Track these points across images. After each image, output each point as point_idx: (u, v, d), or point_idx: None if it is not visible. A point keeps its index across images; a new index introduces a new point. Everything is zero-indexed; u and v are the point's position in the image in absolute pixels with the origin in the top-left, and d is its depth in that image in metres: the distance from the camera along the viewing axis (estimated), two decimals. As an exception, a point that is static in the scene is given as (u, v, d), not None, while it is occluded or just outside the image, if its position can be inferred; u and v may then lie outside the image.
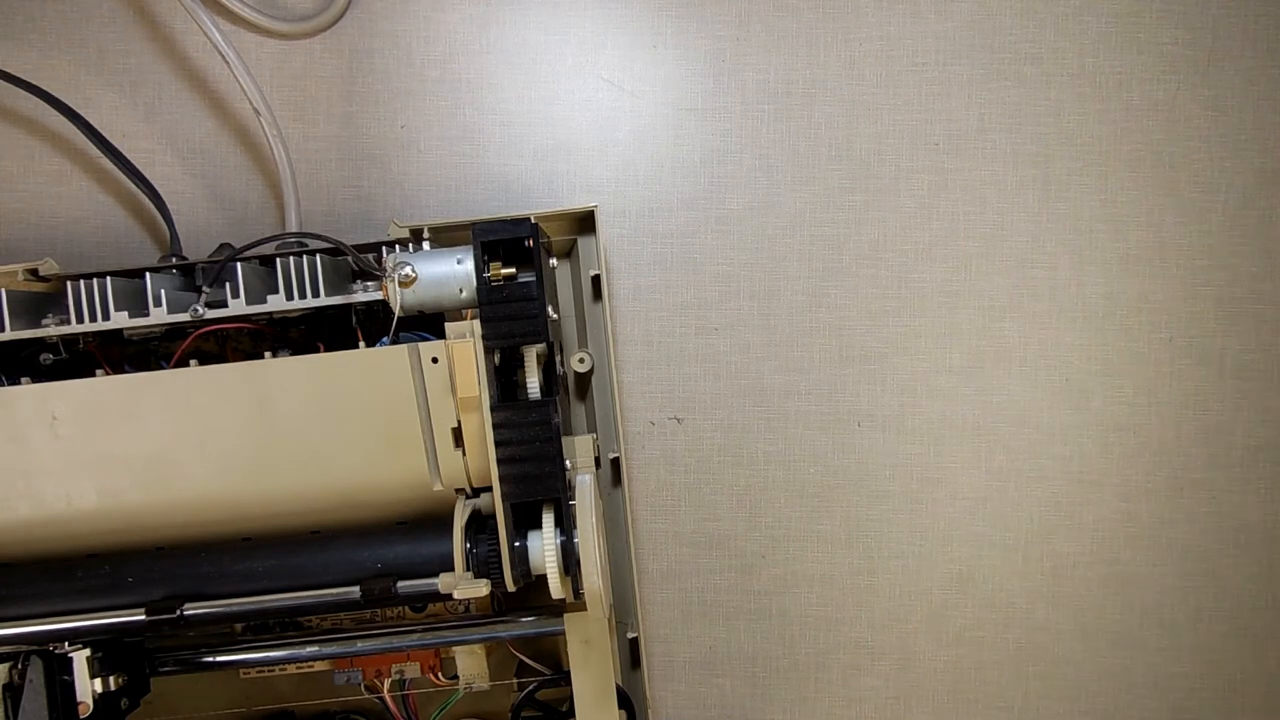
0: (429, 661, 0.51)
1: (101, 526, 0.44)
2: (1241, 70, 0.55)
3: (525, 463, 0.42)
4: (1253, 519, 0.56)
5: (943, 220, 0.56)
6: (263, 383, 0.43)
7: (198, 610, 0.43)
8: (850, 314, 0.56)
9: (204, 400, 0.43)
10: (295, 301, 0.45)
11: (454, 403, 0.43)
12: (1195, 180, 0.56)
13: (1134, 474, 0.56)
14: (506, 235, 0.43)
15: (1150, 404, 0.56)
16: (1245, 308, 0.56)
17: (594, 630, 0.48)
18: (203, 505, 0.44)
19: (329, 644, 0.49)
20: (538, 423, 0.42)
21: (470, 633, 0.49)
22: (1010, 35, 0.55)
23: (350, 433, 0.44)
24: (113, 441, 0.43)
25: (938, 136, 0.55)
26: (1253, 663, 0.56)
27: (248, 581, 0.44)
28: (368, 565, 0.44)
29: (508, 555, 0.42)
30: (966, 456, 0.56)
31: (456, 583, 0.42)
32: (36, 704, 0.43)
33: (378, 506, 0.45)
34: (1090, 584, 0.56)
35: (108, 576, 0.44)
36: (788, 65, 0.55)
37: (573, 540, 0.43)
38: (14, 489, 0.44)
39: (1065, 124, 0.55)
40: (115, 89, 0.54)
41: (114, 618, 0.43)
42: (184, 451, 0.44)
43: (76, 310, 0.44)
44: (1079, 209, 0.56)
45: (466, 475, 0.44)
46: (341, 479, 0.44)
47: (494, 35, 0.55)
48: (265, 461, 0.44)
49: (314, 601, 0.43)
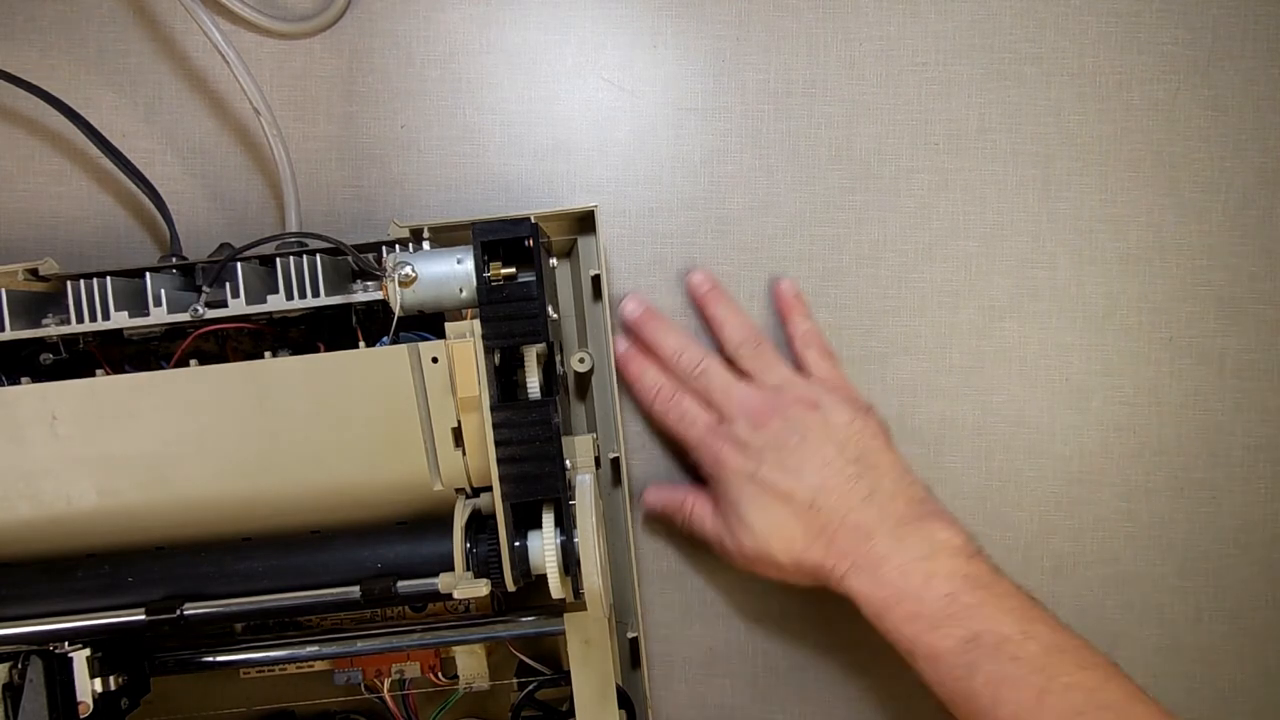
0: (429, 661, 0.51)
1: (101, 526, 0.44)
2: (1241, 70, 0.55)
3: (525, 462, 0.42)
4: (1253, 519, 0.56)
5: (943, 220, 0.56)
6: (263, 382, 0.43)
7: (198, 610, 0.43)
8: (850, 314, 0.56)
9: (205, 400, 0.43)
10: (295, 301, 0.45)
11: (454, 402, 0.43)
12: (1195, 180, 0.56)
13: (1134, 474, 0.56)
14: (506, 235, 0.43)
15: (1150, 404, 0.56)
16: (1245, 308, 0.56)
17: (594, 630, 0.48)
18: (203, 505, 0.44)
19: (329, 644, 0.49)
20: (538, 422, 0.42)
21: (470, 632, 0.50)
22: (1010, 35, 0.55)
23: (350, 433, 0.44)
24: (113, 441, 0.43)
25: (938, 136, 0.55)
26: (1253, 663, 0.56)
27: (248, 581, 0.44)
28: (368, 565, 0.44)
29: (508, 555, 0.42)
30: (966, 456, 0.56)
31: (456, 582, 0.42)
32: (37, 704, 0.43)
33: (377, 506, 0.45)
34: (1090, 584, 0.56)
35: (108, 576, 0.44)
36: (788, 65, 0.55)
37: (573, 540, 0.43)
38: (14, 489, 0.44)
39: (1065, 124, 0.55)
40: (115, 88, 0.54)
41: (114, 618, 0.43)
42: (184, 451, 0.44)
43: (77, 310, 0.44)
44: (1079, 209, 0.56)
45: (466, 475, 0.44)
46: (341, 479, 0.44)
47: (494, 35, 0.55)
48: (265, 461, 0.44)
49: (314, 601, 0.43)
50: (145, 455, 0.44)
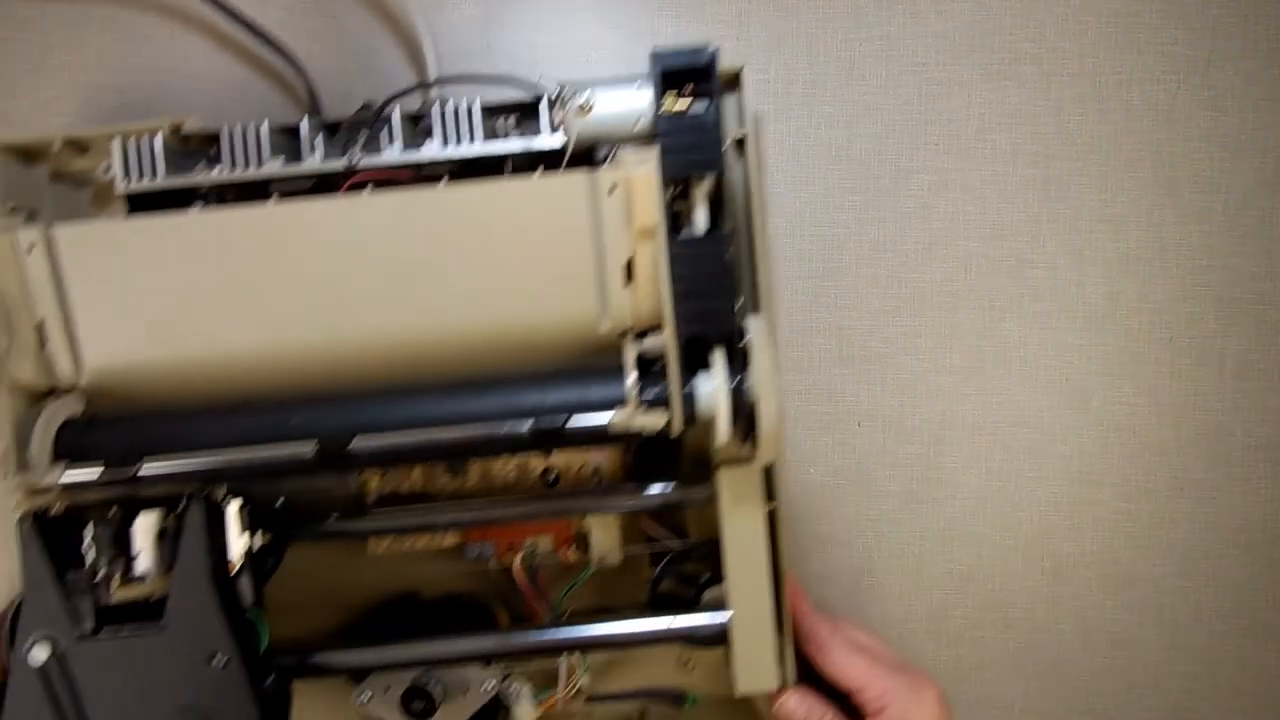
0: (563, 535, 0.49)
1: (264, 367, 0.44)
2: (1241, 70, 0.55)
3: (698, 298, 0.42)
4: (1253, 519, 0.56)
5: (943, 220, 0.56)
6: (435, 211, 0.43)
7: (367, 444, 0.42)
8: (850, 314, 0.56)
9: (375, 230, 0.42)
10: (451, 148, 0.44)
11: (629, 233, 0.42)
12: (1195, 180, 0.56)
13: (1134, 474, 0.56)
14: (687, 62, 0.42)
15: (1150, 404, 0.56)
16: (1245, 308, 0.56)
17: (748, 487, 0.46)
18: (368, 343, 0.43)
19: (463, 511, 0.48)
20: (711, 256, 0.42)
21: (611, 500, 0.48)
22: (1010, 35, 0.55)
23: (520, 267, 0.43)
24: (276, 275, 0.43)
25: (937, 137, 0.55)
26: (1253, 663, 0.56)
27: (414, 421, 0.43)
28: (534, 407, 0.42)
29: (678, 394, 0.41)
30: (966, 456, 0.56)
31: (630, 417, 0.41)
32: (197, 549, 0.42)
33: (540, 350, 0.44)
34: (1090, 584, 0.56)
35: (271, 415, 0.43)
36: (788, 65, 0.55)
37: (745, 384, 0.41)
38: (176, 325, 0.43)
39: (1065, 124, 0.55)
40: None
41: (282, 453, 0.42)
42: (352, 283, 0.43)
43: (230, 157, 0.44)
44: (1079, 209, 0.56)
45: (634, 315, 0.43)
46: (508, 317, 0.43)
47: (494, 36, 0.55)
48: (433, 296, 0.43)
49: (483, 437, 0.42)
50: (310, 288, 0.43)
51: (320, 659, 0.47)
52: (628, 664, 0.53)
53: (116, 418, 0.44)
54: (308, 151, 0.44)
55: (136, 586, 0.42)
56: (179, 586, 0.42)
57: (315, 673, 0.47)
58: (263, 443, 0.43)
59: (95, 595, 0.42)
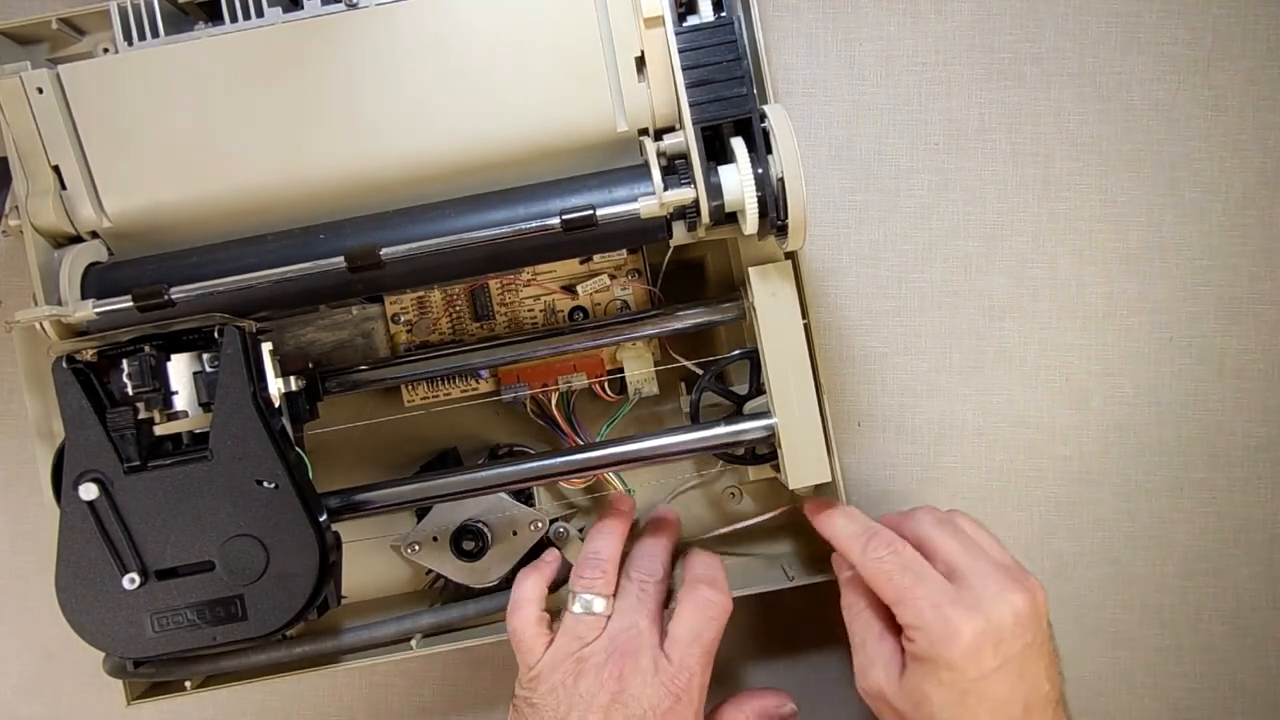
0: (596, 370, 0.50)
1: (285, 196, 0.44)
2: (1241, 70, 0.55)
3: (713, 85, 0.42)
4: (1253, 519, 0.56)
5: (943, 220, 0.56)
6: (442, 19, 0.43)
7: (397, 252, 0.41)
8: (850, 314, 0.56)
9: (382, 42, 0.43)
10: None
11: (637, 24, 0.42)
12: (1195, 180, 0.56)
13: (1134, 474, 0.56)
14: None
15: (1150, 404, 0.56)
16: (1245, 308, 0.56)
17: (781, 281, 0.45)
18: (386, 163, 0.44)
19: (495, 350, 0.48)
20: (722, 43, 0.42)
21: (641, 327, 0.48)
22: (1010, 35, 0.55)
23: (533, 72, 0.43)
24: (288, 96, 0.43)
25: (938, 136, 0.55)
26: (1253, 663, 0.56)
27: (443, 235, 0.42)
28: (561, 210, 0.42)
29: (703, 185, 0.41)
30: (966, 456, 0.56)
31: (659, 200, 0.41)
32: (238, 375, 0.42)
33: (561, 155, 0.44)
34: (1090, 584, 0.56)
35: (300, 237, 0.43)
36: (788, 65, 0.55)
37: (770, 168, 0.41)
38: (193, 160, 0.43)
39: (1065, 124, 0.55)
40: None
41: (312, 270, 0.42)
42: (363, 101, 0.43)
43: (230, 10, 0.44)
44: (1079, 209, 0.56)
45: (651, 113, 0.44)
46: (525, 123, 0.44)
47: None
48: (449, 107, 0.43)
49: (514, 236, 0.42)
50: (325, 107, 0.43)
51: (364, 496, 0.47)
52: (676, 504, 0.54)
53: (143, 257, 0.44)
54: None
55: (179, 422, 0.42)
56: (221, 414, 0.42)
57: (362, 510, 0.47)
58: (292, 264, 0.42)
59: (139, 430, 0.42)
